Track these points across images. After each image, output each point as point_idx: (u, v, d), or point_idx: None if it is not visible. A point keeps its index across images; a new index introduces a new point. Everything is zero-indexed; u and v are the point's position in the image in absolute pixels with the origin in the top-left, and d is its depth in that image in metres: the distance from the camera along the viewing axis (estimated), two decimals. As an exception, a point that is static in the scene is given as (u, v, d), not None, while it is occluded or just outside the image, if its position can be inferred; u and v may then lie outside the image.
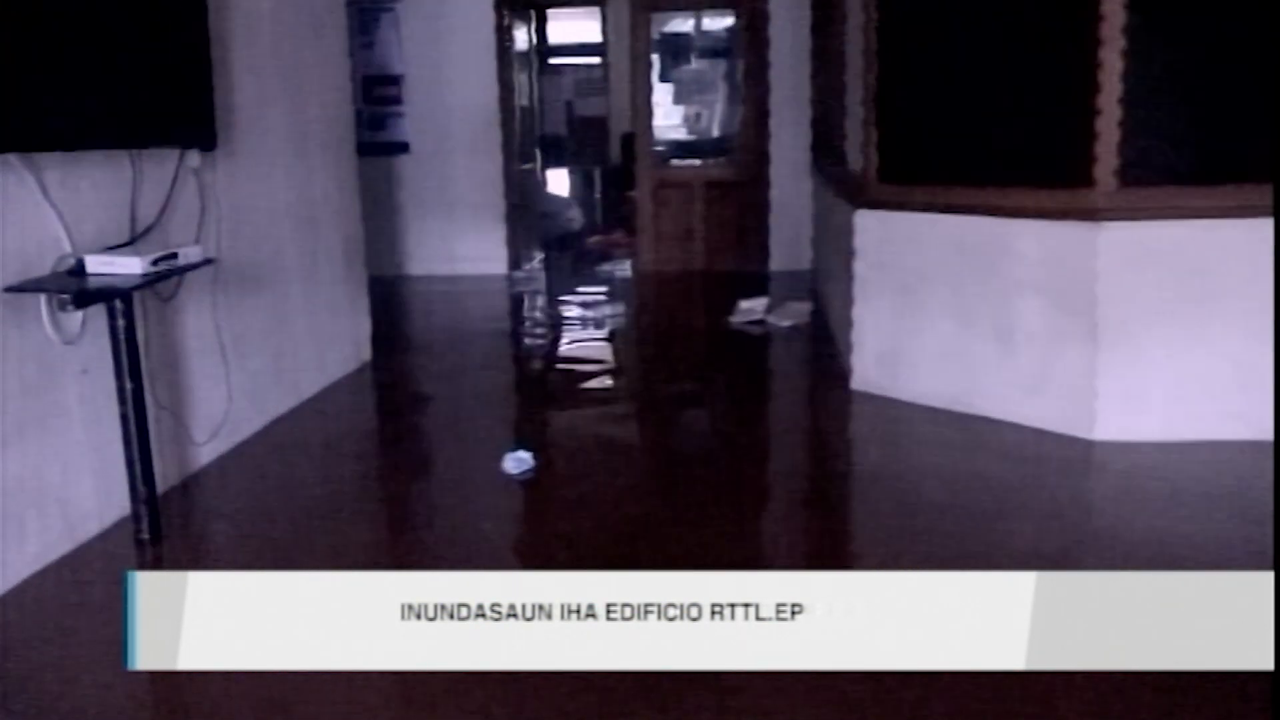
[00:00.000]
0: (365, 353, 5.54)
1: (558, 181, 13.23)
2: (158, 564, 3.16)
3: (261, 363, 4.36)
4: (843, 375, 4.87)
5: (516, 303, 7.73)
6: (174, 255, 3.25)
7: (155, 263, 3.14)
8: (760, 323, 6.35)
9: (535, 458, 3.82)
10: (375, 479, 4.06)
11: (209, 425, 3.90)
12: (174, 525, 3.41)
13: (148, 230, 3.48)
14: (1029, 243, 3.99)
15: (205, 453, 3.90)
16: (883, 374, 4.56)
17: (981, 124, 4.10)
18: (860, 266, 4.58)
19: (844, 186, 5.18)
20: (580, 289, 7.91)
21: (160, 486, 3.52)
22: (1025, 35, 3.94)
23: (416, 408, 5.02)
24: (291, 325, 4.67)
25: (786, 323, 6.23)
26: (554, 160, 12.72)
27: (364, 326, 5.55)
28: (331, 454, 4.26)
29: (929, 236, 4.30)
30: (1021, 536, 3.27)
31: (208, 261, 3.55)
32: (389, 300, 7.60)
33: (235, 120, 4.15)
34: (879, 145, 4.48)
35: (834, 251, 5.81)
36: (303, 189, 4.83)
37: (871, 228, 4.54)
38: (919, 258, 4.36)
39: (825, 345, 5.63)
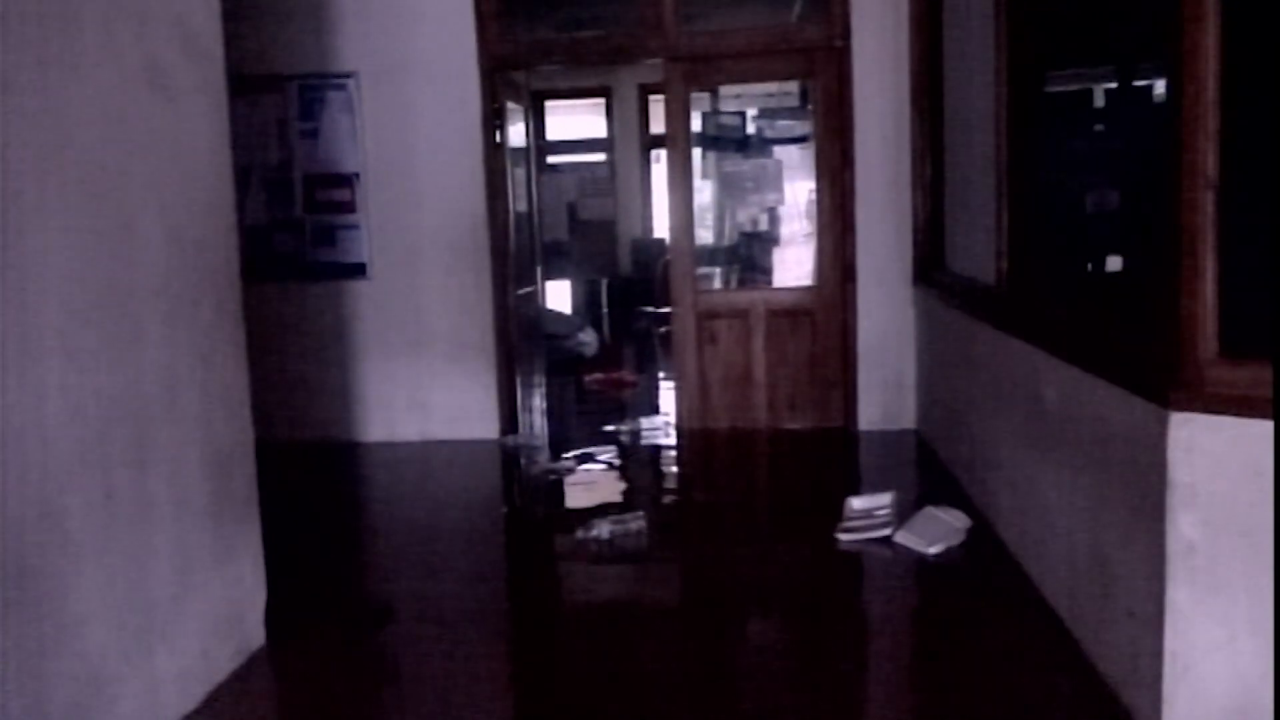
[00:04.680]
0: (255, 636, 3.25)
1: (559, 295, 11.28)
2: None
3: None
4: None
5: (508, 487, 5.45)
6: None
7: None
8: (886, 540, 4.08)
9: None
10: None
11: None
12: None
13: None
14: None
15: None
16: (1249, 746, 2.28)
17: None
18: (1189, 524, 2.32)
19: (1107, 354, 2.97)
20: (589, 462, 5.65)
21: None
22: None
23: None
24: (75, 647, 2.40)
25: (934, 548, 3.94)
26: (554, 271, 10.77)
27: (254, 589, 3.27)
28: None
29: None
30: None
31: None
32: (328, 487, 5.34)
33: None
34: (1220, 288, 2.29)
35: (1024, 432, 3.57)
36: (112, 383, 2.61)
37: (1215, 452, 2.29)
38: (1345, 523, 2.12)
39: (1030, 615, 3.27)
